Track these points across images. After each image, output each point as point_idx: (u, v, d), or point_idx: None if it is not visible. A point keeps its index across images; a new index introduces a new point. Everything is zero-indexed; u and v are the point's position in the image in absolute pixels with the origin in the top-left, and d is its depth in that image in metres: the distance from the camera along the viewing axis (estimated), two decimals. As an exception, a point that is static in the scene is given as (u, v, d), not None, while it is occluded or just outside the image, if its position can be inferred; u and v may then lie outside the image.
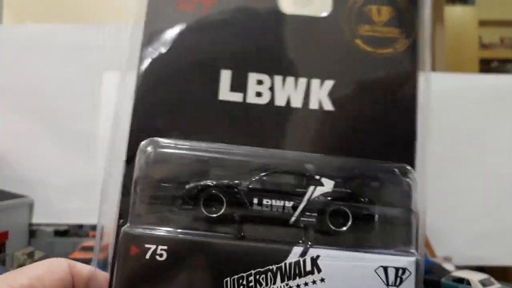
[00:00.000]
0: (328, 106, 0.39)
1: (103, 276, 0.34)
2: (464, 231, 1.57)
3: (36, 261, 1.22)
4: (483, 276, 1.25)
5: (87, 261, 0.36)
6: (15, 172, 1.33)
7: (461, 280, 1.24)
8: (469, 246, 1.55)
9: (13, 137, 1.36)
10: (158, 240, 0.33)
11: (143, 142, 0.36)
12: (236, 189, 0.36)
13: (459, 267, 1.39)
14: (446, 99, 1.60)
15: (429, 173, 0.38)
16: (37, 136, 1.34)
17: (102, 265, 0.35)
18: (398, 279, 0.35)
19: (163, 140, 0.36)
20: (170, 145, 0.36)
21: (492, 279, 1.23)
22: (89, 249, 0.99)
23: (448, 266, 1.37)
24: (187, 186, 0.35)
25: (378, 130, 0.39)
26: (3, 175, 1.32)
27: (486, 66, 2.30)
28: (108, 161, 0.36)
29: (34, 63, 1.35)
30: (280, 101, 0.39)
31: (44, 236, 1.30)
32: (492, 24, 2.45)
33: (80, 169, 1.14)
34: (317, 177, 0.37)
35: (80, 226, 1.22)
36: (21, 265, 1.12)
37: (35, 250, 1.22)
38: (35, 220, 1.34)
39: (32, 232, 1.32)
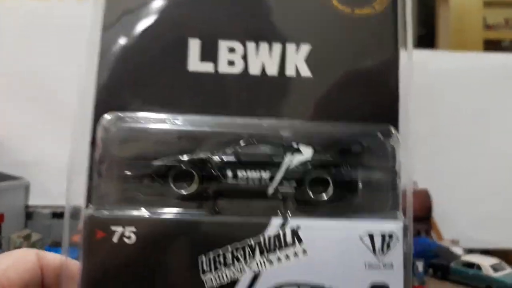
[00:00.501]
0: (305, 72, 0.37)
1: (75, 265, 0.32)
2: (472, 213, 1.54)
3: (33, 243, 1.21)
4: (494, 260, 1.22)
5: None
6: (10, 154, 1.32)
7: (471, 265, 1.21)
8: (477, 229, 1.52)
9: (9, 119, 1.35)
10: (125, 222, 0.31)
11: (105, 117, 0.34)
12: (208, 163, 0.34)
13: (467, 250, 1.36)
14: (450, 78, 1.58)
15: (413, 135, 0.36)
16: (33, 118, 1.33)
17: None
18: (386, 245, 0.33)
19: (127, 114, 0.34)
20: (135, 119, 0.34)
21: (504, 264, 1.20)
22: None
23: (456, 250, 1.34)
24: (155, 163, 0.33)
25: (358, 94, 0.37)
26: (-1, 158, 1.31)
27: (491, 47, 2.27)
28: (74, 140, 0.34)
29: (30, 44, 1.35)
30: (254, 70, 0.37)
31: (41, 218, 1.29)
32: (497, 4, 2.42)
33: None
34: (295, 144, 0.35)
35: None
36: (17, 247, 1.10)
37: (32, 232, 1.21)
38: (32, 202, 1.32)
39: (29, 214, 1.30)
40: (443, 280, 1.22)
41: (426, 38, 2.23)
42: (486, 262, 1.20)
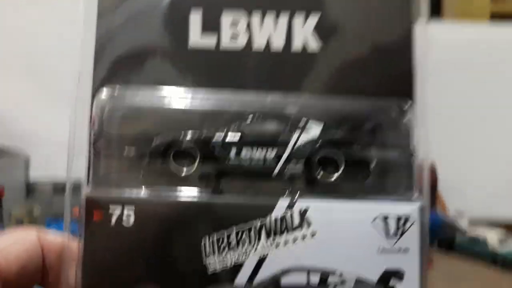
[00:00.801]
0: (314, 43, 0.34)
1: (77, 245, 0.31)
2: (477, 185, 1.52)
3: (35, 218, 1.20)
4: (500, 234, 1.20)
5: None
6: (9, 127, 1.30)
7: (477, 239, 1.20)
8: (483, 201, 1.50)
9: (7, 93, 1.33)
10: (124, 203, 0.30)
11: (102, 92, 0.31)
12: (210, 142, 0.31)
13: (472, 223, 1.35)
14: (456, 48, 1.53)
15: (430, 111, 0.34)
16: (33, 91, 1.31)
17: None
18: (400, 229, 0.31)
19: (125, 90, 0.32)
20: (133, 95, 0.32)
21: (510, 238, 1.19)
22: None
23: (461, 222, 1.33)
24: (154, 142, 0.31)
25: (372, 65, 0.34)
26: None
27: (497, 19, 2.20)
28: (73, 115, 0.32)
29: (28, 17, 1.32)
30: (259, 42, 0.34)
31: (42, 193, 1.28)
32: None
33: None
34: (303, 121, 0.32)
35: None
36: (19, 222, 1.10)
37: (34, 207, 1.20)
38: (32, 176, 1.31)
39: (30, 189, 1.29)
40: (447, 253, 1.21)
41: (432, 6, 2.17)
42: (492, 236, 1.19)
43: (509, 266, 1.11)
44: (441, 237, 1.24)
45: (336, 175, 0.32)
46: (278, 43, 0.34)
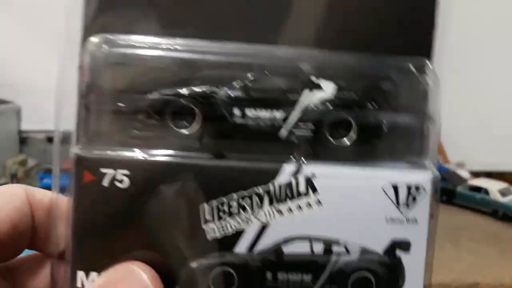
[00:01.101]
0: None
1: (66, 203, 0.29)
2: (478, 135, 1.50)
3: (30, 169, 1.20)
4: (502, 185, 1.20)
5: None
6: None
7: (478, 189, 1.19)
8: (483, 151, 1.48)
9: None
10: (117, 164, 0.28)
11: (92, 40, 0.28)
12: (212, 98, 0.29)
13: (473, 173, 1.34)
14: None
15: (445, 71, 0.31)
16: (22, 40, 1.26)
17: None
18: (411, 198, 0.29)
19: (118, 37, 0.29)
20: (127, 43, 0.29)
21: (512, 188, 1.18)
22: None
23: (462, 173, 1.32)
24: (150, 96, 0.28)
25: (390, 19, 0.31)
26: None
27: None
28: (61, 64, 0.29)
29: None
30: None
31: (35, 144, 1.28)
32: None
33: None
34: (314, 79, 0.29)
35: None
36: (13, 174, 1.10)
37: (28, 158, 1.20)
38: (24, 127, 1.30)
39: (23, 140, 1.29)
40: (448, 204, 1.22)
41: None
42: (494, 187, 1.19)
43: (510, 216, 1.11)
44: (442, 187, 1.25)
45: (347, 139, 0.30)
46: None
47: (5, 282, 0.30)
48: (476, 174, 1.36)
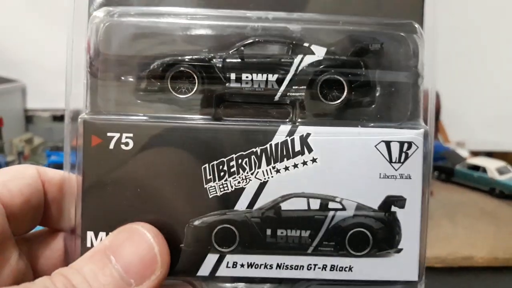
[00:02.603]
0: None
1: (77, 179, 0.30)
2: (479, 115, 1.51)
3: (36, 147, 1.20)
4: (500, 163, 1.21)
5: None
6: (3, 56, 1.26)
7: (476, 168, 1.20)
8: (483, 131, 1.49)
9: (2, 21, 1.28)
10: (121, 128, 0.29)
11: (96, 11, 0.30)
12: (209, 64, 0.30)
13: (473, 153, 1.35)
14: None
15: (439, 33, 0.32)
16: (28, 19, 1.26)
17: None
18: (403, 154, 0.30)
19: (120, 8, 0.30)
20: (129, 13, 0.30)
21: (509, 167, 1.19)
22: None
23: (462, 152, 1.33)
24: (153, 63, 0.30)
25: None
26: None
27: None
28: (69, 40, 0.30)
29: None
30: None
31: (41, 122, 1.28)
32: None
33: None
34: (306, 44, 0.30)
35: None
36: (19, 152, 1.11)
37: (34, 136, 1.21)
38: (30, 105, 1.30)
39: (29, 118, 1.29)
40: (447, 182, 1.23)
41: None
42: (491, 165, 1.20)
43: (506, 194, 1.12)
44: (441, 165, 1.26)
45: (339, 99, 0.31)
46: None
47: (22, 252, 0.31)
48: (476, 154, 1.37)
